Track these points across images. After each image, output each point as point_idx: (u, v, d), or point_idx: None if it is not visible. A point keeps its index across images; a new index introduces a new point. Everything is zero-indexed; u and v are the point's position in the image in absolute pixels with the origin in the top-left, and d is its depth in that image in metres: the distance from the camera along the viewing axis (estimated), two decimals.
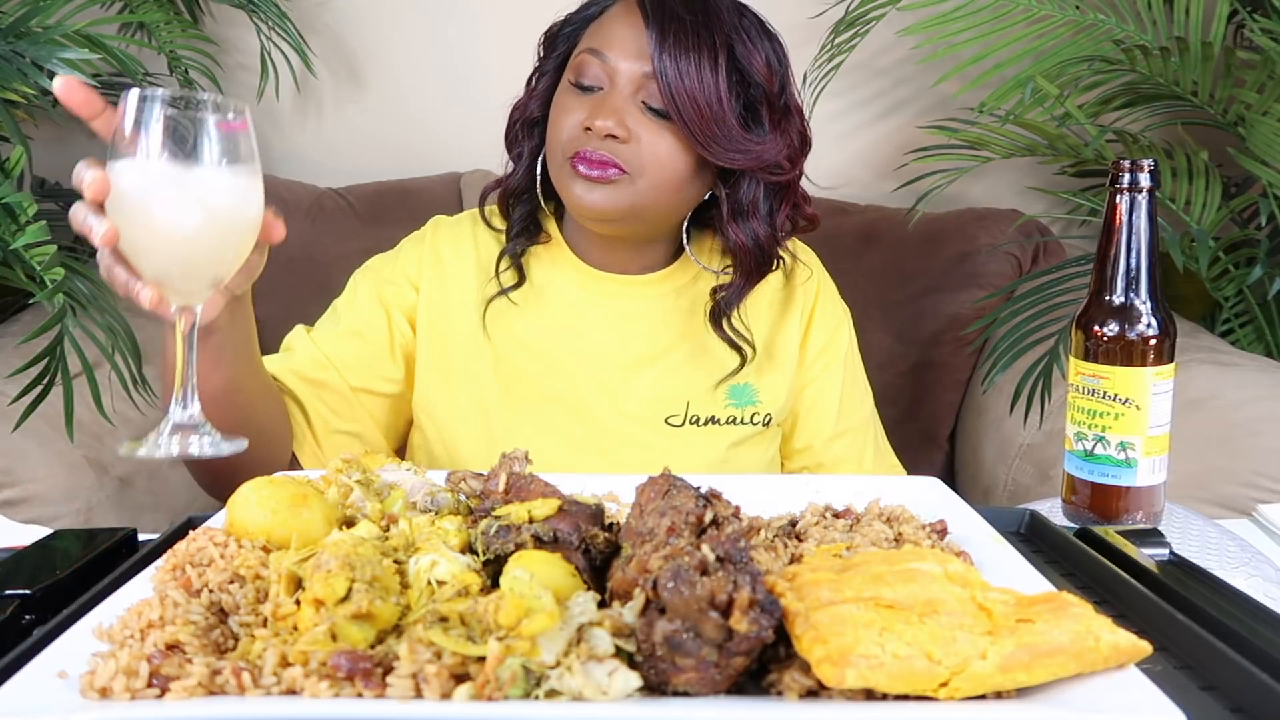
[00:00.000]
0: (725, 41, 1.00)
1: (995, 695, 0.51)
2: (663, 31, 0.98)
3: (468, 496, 0.73)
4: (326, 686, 0.50)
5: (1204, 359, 1.47)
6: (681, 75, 0.98)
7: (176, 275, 0.71)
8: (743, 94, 1.02)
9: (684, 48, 0.98)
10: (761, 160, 1.04)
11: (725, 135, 1.01)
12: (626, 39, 1.01)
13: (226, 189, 0.69)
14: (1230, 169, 1.83)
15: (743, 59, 1.01)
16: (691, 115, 0.99)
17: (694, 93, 0.98)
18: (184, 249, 0.69)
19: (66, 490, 1.29)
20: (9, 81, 1.26)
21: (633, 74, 1.01)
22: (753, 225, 1.08)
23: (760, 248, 1.09)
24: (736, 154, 1.02)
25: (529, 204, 1.13)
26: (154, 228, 0.68)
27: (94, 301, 1.33)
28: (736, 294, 1.11)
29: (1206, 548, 0.88)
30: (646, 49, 0.99)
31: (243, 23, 1.97)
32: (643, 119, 1.00)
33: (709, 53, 0.99)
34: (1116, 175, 0.89)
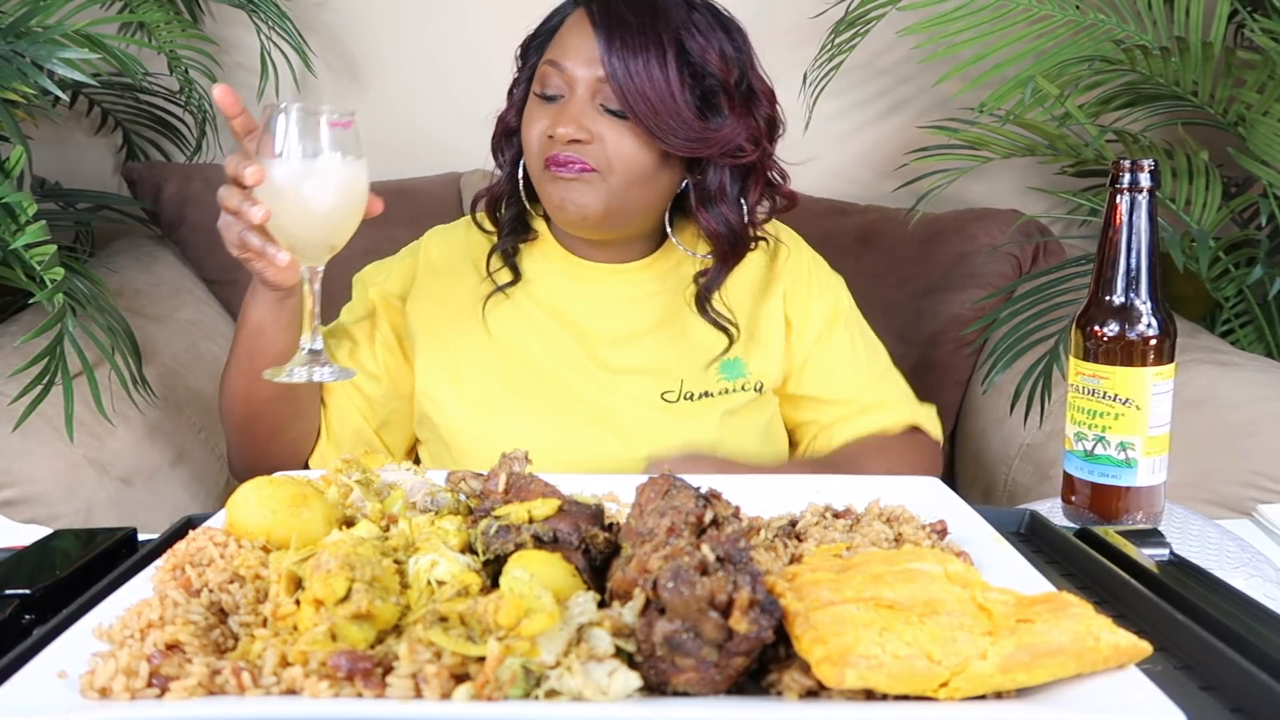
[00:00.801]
0: (674, 38, 1.05)
1: (995, 695, 0.51)
2: (610, 36, 1.04)
3: (468, 496, 0.73)
4: (326, 686, 0.50)
5: (1204, 359, 1.47)
6: (631, 75, 1.04)
7: (310, 243, 0.92)
8: (697, 85, 1.07)
9: (631, 49, 1.04)
10: (722, 146, 1.09)
11: (681, 127, 1.06)
12: (580, 47, 1.07)
13: (348, 175, 0.90)
14: (1230, 169, 1.83)
15: (693, 52, 1.07)
16: (645, 112, 1.04)
17: (645, 90, 1.04)
18: (319, 223, 0.91)
19: (66, 490, 1.28)
20: (9, 81, 1.25)
21: (588, 80, 1.06)
22: (722, 209, 1.12)
23: (732, 230, 1.13)
24: (695, 143, 1.07)
25: (516, 206, 1.18)
26: (301, 208, 0.89)
27: (94, 301, 1.33)
28: (715, 277, 1.16)
29: (1206, 548, 0.88)
30: (597, 54, 1.05)
31: (243, 23, 1.97)
32: (603, 120, 1.06)
33: (657, 51, 1.04)
34: (1116, 175, 0.89)
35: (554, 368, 1.16)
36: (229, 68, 2.05)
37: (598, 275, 1.19)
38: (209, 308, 1.78)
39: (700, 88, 1.07)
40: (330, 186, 0.89)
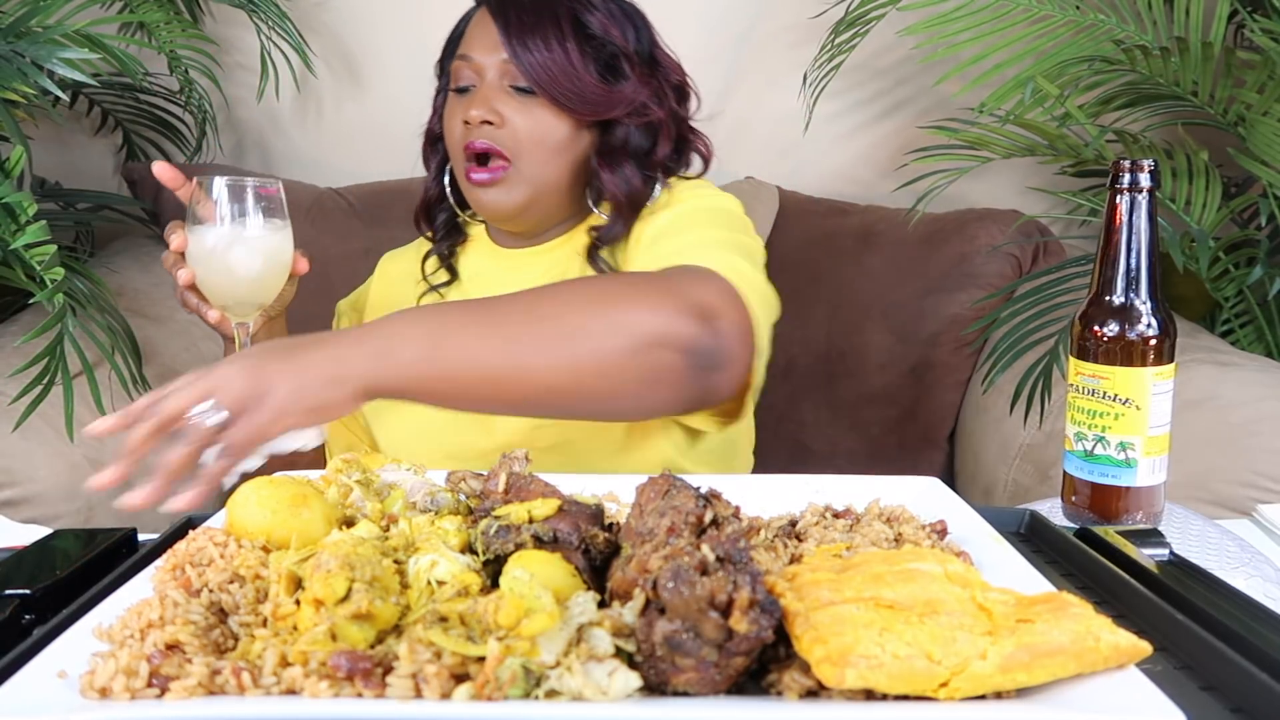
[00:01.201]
0: (568, 12, 1.11)
1: (995, 695, 0.51)
2: (507, 19, 1.10)
3: (468, 496, 0.73)
4: (326, 686, 0.50)
5: (1204, 359, 1.47)
6: (532, 50, 1.09)
7: (238, 302, 1.01)
8: (598, 54, 1.12)
9: (528, 27, 1.10)
10: (626, 105, 1.12)
11: (584, 91, 1.10)
12: (482, 37, 1.12)
13: (273, 241, 0.99)
14: (1230, 169, 1.83)
15: (591, 25, 1.11)
16: (548, 82, 1.09)
17: (547, 64, 1.09)
18: (246, 285, 1.00)
19: (66, 490, 1.28)
20: (9, 81, 1.25)
21: (494, 64, 1.11)
22: (625, 169, 1.14)
23: (631, 188, 1.14)
24: (599, 105, 1.11)
25: (446, 210, 1.23)
26: (229, 272, 0.99)
27: (94, 301, 1.33)
28: (608, 231, 1.15)
29: (1206, 548, 0.88)
30: (498, 39, 1.10)
31: (243, 23, 1.97)
32: (512, 101, 1.10)
33: (553, 26, 1.10)
34: (1116, 175, 0.89)
35: None
36: (229, 68, 2.05)
37: (521, 260, 1.20)
38: None
39: (602, 55, 1.12)
40: (256, 252, 0.98)
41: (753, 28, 2.08)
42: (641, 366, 0.87)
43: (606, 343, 0.87)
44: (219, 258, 0.98)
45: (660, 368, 0.88)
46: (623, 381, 0.88)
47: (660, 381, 0.89)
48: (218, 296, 1.01)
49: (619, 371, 0.87)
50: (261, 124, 2.12)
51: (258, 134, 2.13)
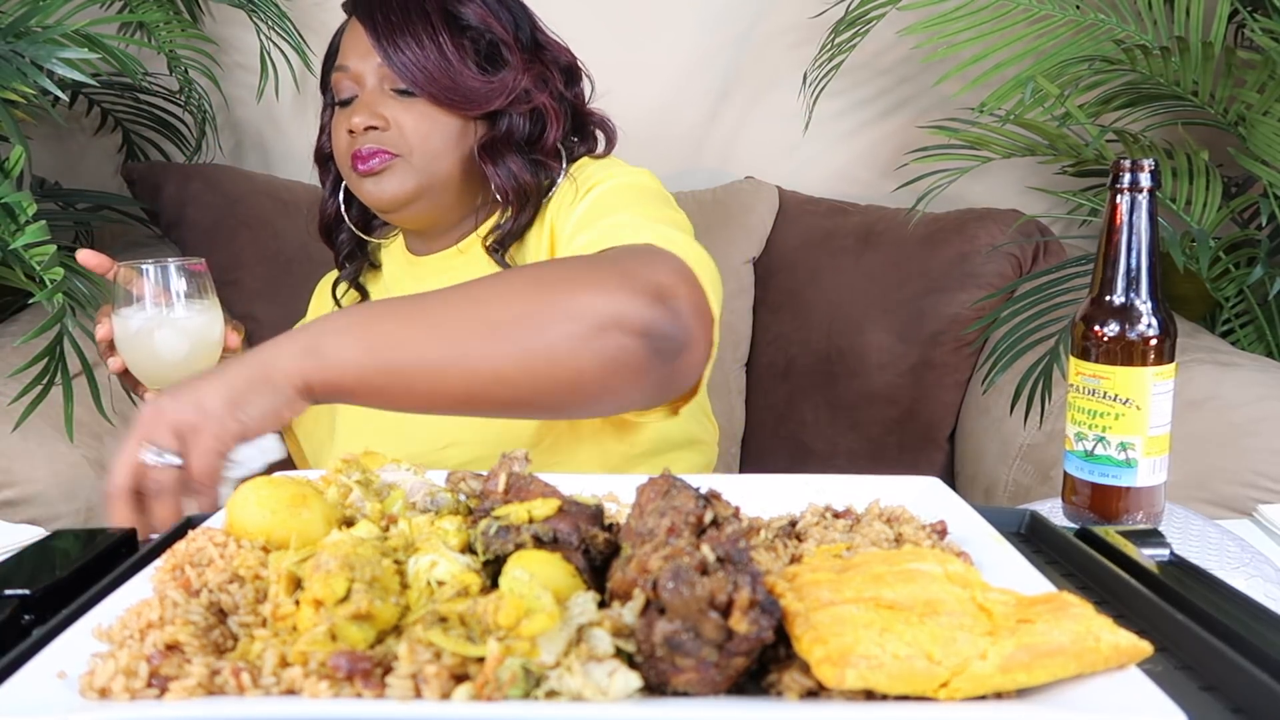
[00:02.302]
0: (437, 6, 1.09)
1: (995, 696, 0.51)
2: (374, 22, 1.09)
3: (467, 496, 0.73)
4: (326, 686, 0.50)
5: (1204, 359, 1.47)
6: (403, 50, 1.07)
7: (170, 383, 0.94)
8: (476, 45, 1.10)
9: (397, 27, 1.08)
10: (508, 93, 1.09)
11: (462, 86, 1.08)
12: (355, 44, 1.11)
13: (199, 321, 0.99)
14: (1230, 169, 1.83)
15: (461, 15, 1.09)
16: (425, 80, 1.07)
17: (421, 62, 1.07)
18: (173, 369, 0.98)
19: (66, 490, 1.28)
20: (9, 81, 1.25)
21: (371, 69, 1.10)
22: (508, 161, 1.10)
23: (517, 180, 1.10)
24: (481, 98, 1.09)
25: (346, 230, 1.22)
26: (155, 355, 0.98)
27: (94, 301, 1.33)
28: (504, 227, 1.12)
29: (1206, 548, 0.88)
30: (370, 44, 1.09)
31: (243, 22, 1.97)
32: (394, 103, 1.09)
33: (422, 22, 1.08)
34: (1117, 175, 0.89)
35: None
36: (229, 68, 2.05)
37: (434, 266, 1.18)
38: None
39: (480, 46, 1.10)
40: (182, 334, 0.99)
41: (753, 28, 2.08)
42: (598, 353, 0.80)
43: (557, 329, 0.80)
44: (144, 342, 0.98)
45: (618, 353, 0.81)
46: (578, 371, 0.81)
47: (620, 369, 0.82)
48: (150, 379, 1.01)
49: (573, 359, 0.80)
50: (261, 124, 2.12)
51: (258, 134, 2.13)
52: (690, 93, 2.04)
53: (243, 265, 1.81)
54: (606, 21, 1.18)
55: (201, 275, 1.01)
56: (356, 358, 0.79)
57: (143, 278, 0.98)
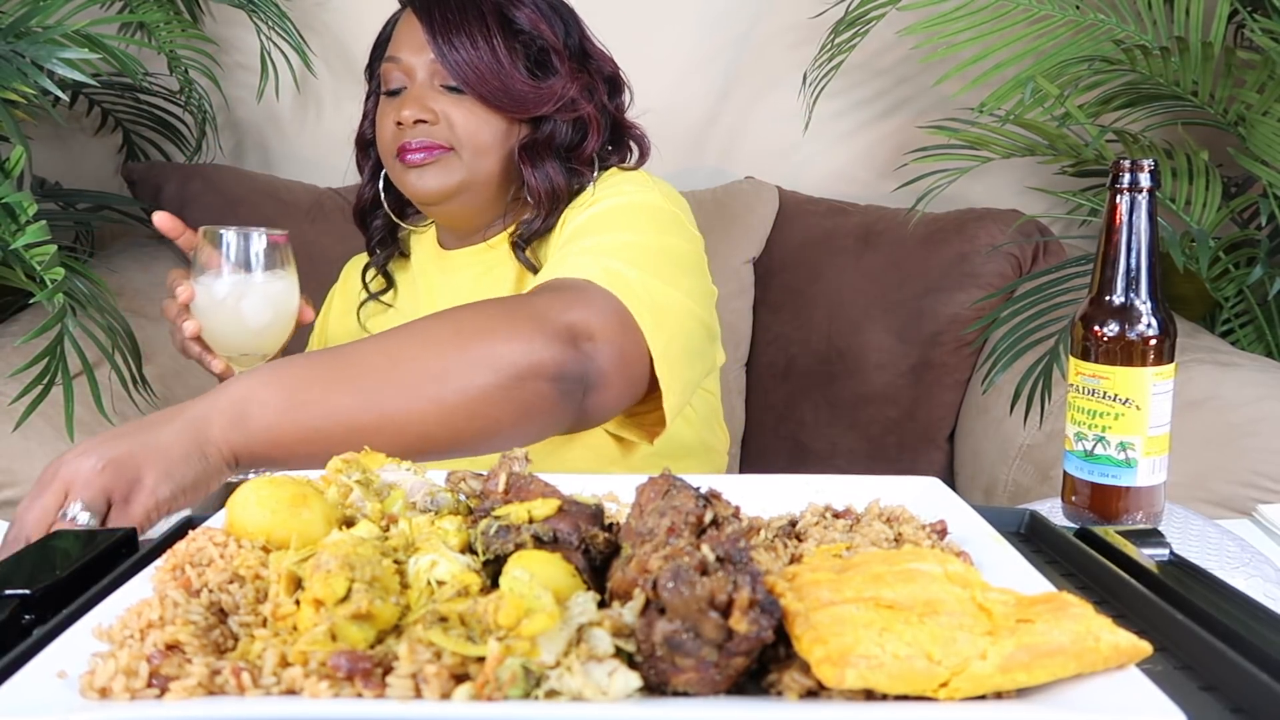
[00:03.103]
0: (493, 8, 1.11)
1: (995, 695, 0.51)
2: (431, 18, 1.10)
3: (468, 496, 0.73)
4: (326, 686, 0.50)
5: (1204, 359, 1.47)
6: (458, 49, 1.09)
7: (244, 352, 1.00)
8: (528, 49, 1.12)
9: (453, 25, 1.10)
10: (555, 100, 1.12)
11: (512, 89, 1.10)
12: (409, 38, 1.13)
13: (280, 290, 0.99)
14: (1230, 169, 1.83)
15: (519, 20, 1.12)
16: (475, 81, 1.09)
17: (473, 61, 1.09)
18: (253, 335, 0.99)
19: None
20: (9, 81, 1.25)
21: (423, 64, 1.11)
22: (547, 166, 1.13)
23: (554, 186, 1.13)
24: (528, 102, 1.11)
25: (381, 217, 1.24)
26: (237, 322, 0.98)
27: (94, 301, 1.33)
28: (529, 225, 1.15)
29: (1206, 548, 0.88)
30: (424, 39, 1.10)
31: (243, 23, 1.97)
32: (443, 99, 1.11)
33: (478, 23, 1.10)
34: (1116, 175, 0.89)
35: None
36: (229, 68, 2.05)
37: (462, 261, 1.21)
38: None
39: (531, 51, 1.12)
40: (266, 302, 0.98)
41: (753, 28, 2.08)
42: (512, 401, 0.85)
43: (473, 381, 0.83)
44: (229, 309, 0.97)
45: (532, 399, 0.85)
46: (496, 419, 0.84)
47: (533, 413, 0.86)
48: (226, 347, 1.01)
49: (489, 409, 0.84)
50: (261, 124, 2.12)
51: (258, 134, 2.13)
52: (690, 93, 2.04)
53: None
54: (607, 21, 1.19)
55: (284, 246, 1.00)
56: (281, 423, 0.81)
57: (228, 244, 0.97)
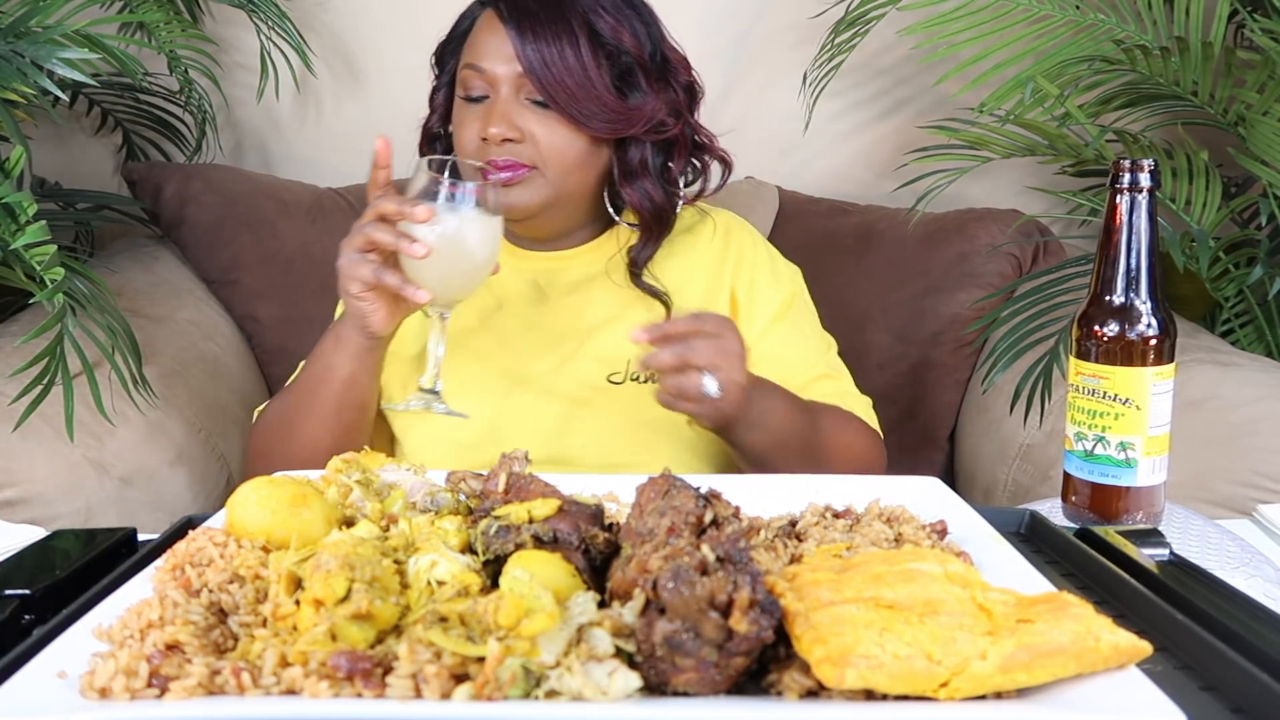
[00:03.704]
0: (583, 22, 1.08)
1: (995, 695, 0.51)
2: (521, 30, 1.07)
3: (467, 496, 0.73)
4: (326, 686, 0.50)
5: (1204, 359, 1.47)
6: (549, 66, 1.06)
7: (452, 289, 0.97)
8: (613, 65, 1.10)
9: (544, 40, 1.07)
10: (645, 123, 1.11)
11: (603, 109, 1.09)
12: (494, 46, 1.10)
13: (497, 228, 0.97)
14: (1230, 169, 1.83)
15: (604, 33, 1.09)
16: (566, 100, 1.07)
17: (563, 78, 1.07)
18: (474, 270, 0.97)
19: (66, 490, 1.28)
20: (9, 81, 1.25)
21: (509, 77, 1.09)
22: (644, 184, 1.14)
23: (655, 204, 1.15)
24: (618, 123, 1.10)
25: None
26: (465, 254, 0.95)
27: (94, 301, 1.33)
28: (641, 248, 1.17)
29: (1206, 548, 0.88)
30: (513, 51, 1.07)
31: (243, 23, 1.97)
32: (530, 115, 1.09)
33: (569, 38, 1.07)
34: (1116, 175, 0.89)
35: (500, 359, 1.17)
36: (229, 68, 2.04)
37: (542, 263, 1.21)
38: (209, 308, 1.78)
39: (616, 66, 1.10)
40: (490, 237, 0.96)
41: (753, 28, 2.08)
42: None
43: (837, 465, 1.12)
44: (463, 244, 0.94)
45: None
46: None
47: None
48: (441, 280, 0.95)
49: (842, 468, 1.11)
50: (261, 124, 2.11)
51: (258, 134, 2.13)
52: None
53: (243, 265, 1.81)
54: None
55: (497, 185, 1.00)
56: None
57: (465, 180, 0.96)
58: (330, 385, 1.07)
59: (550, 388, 1.16)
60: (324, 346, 1.07)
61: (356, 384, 1.06)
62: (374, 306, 1.00)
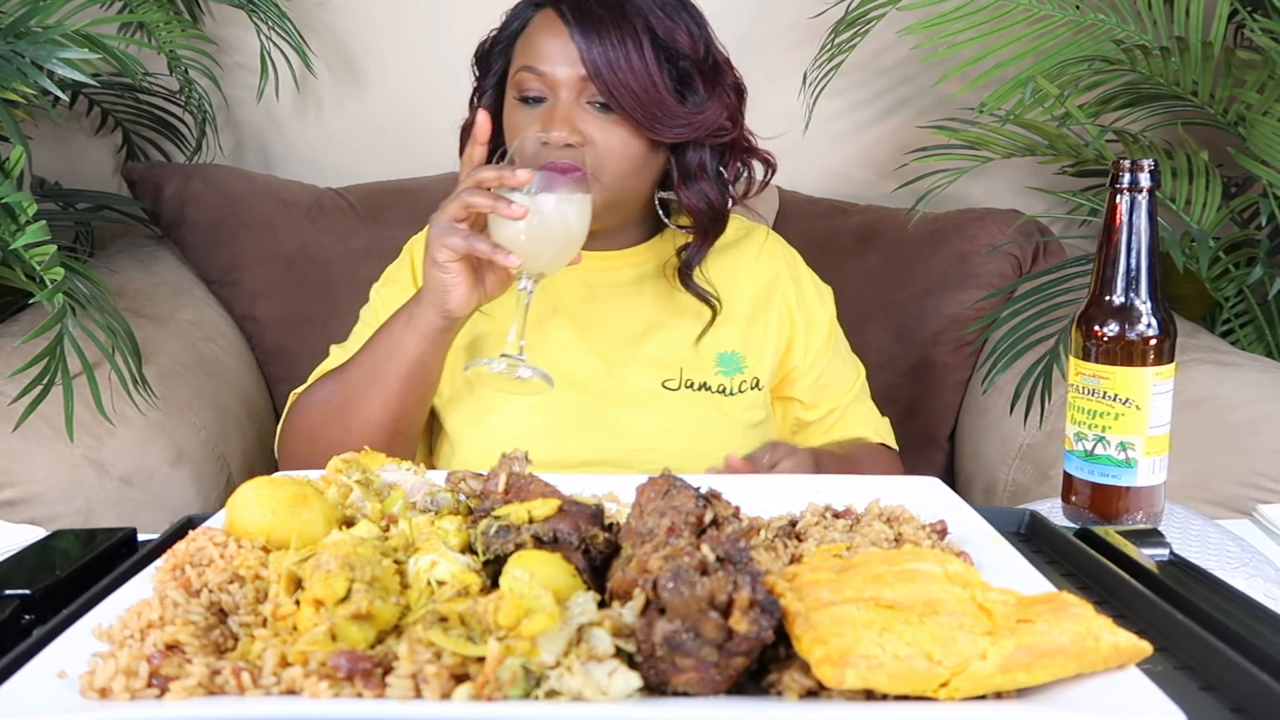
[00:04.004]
0: (645, 25, 1.07)
1: (995, 695, 0.51)
2: (585, 33, 1.06)
3: (467, 496, 0.73)
4: (326, 686, 0.50)
5: (1204, 359, 1.47)
6: (614, 69, 1.05)
7: (542, 259, 0.98)
8: (673, 68, 1.09)
9: (609, 43, 1.06)
10: (706, 128, 1.11)
11: (666, 114, 1.08)
12: (555, 49, 1.08)
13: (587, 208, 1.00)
14: (1230, 169, 1.83)
15: (665, 36, 1.08)
16: (631, 104, 1.06)
17: (628, 82, 1.06)
18: (564, 246, 0.99)
19: (66, 490, 1.28)
20: (9, 81, 1.25)
21: (570, 80, 1.07)
22: (702, 186, 1.15)
23: (711, 205, 1.15)
24: (681, 129, 1.10)
25: None
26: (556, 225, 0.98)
27: (94, 301, 1.33)
28: (696, 250, 1.18)
29: (1206, 548, 0.88)
30: (576, 54, 1.06)
31: (243, 23, 1.97)
32: (591, 119, 1.08)
33: (633, 40, 1.06)
34: (1116, 175, 0.89)
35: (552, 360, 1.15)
36: (229, 68, 2.04)
37: (594, 264, 1.19)
38: (209, 308, 1.78)
39: (675, 70, 1.10)
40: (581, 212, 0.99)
41: (753, 28, 2.08)
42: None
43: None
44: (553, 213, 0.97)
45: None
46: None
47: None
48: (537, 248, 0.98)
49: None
50: (261, 124, 2.11)
51: (258, 134, 2.13)
52: None
53: (243, 265, 1.81)
54: None
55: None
56: None
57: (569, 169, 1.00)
58: (396, 364, 1.05)
59: (603, 391, 1.16)
60: (393, 325, 1.06)
61: (424, 366, 1.05)
62: (457, 280, 1.00)
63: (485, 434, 1.15)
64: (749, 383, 1.20)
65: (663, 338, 1.19)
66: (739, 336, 1.21)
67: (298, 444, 1.12)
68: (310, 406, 1.13)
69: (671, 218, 1.20)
